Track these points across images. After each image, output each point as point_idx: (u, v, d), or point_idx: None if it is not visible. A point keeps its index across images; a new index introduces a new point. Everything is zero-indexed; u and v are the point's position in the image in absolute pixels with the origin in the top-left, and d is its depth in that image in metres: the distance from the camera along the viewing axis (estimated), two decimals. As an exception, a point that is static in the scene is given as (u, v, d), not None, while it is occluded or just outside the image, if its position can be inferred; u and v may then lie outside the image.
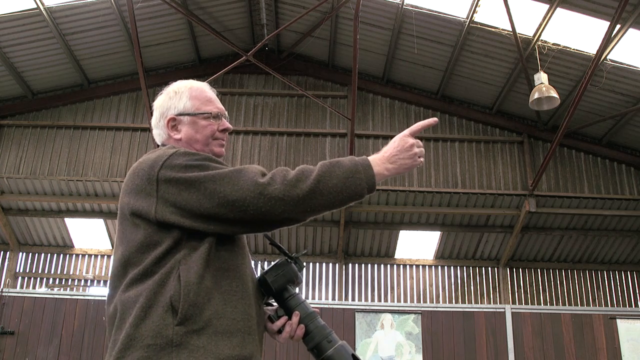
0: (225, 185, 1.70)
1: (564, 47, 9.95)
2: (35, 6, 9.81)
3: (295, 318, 1.84)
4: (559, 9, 9.25)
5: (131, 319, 1.66)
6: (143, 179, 1.78)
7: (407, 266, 12.63)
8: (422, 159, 1.86)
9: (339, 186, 1.72)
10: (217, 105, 2.05)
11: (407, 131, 1.86)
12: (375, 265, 12.58)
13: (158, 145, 2.04)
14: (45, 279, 12.25)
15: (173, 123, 1.99)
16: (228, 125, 2.05)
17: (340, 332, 7.89)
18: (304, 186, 1.69)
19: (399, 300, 12.27)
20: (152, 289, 1.67)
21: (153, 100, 2.12)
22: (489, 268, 12.61)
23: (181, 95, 2.01)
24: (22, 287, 12.04)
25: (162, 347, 1.60)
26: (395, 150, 1.82)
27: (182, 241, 1.73)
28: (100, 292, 11.52)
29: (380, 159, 1.81)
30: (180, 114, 1.98)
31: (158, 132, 2.03)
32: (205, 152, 1.95)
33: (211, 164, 1.77)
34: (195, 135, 1.97)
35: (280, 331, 1.86)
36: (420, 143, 1.86)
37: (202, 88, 2.06)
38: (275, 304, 1.93)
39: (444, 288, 12.47)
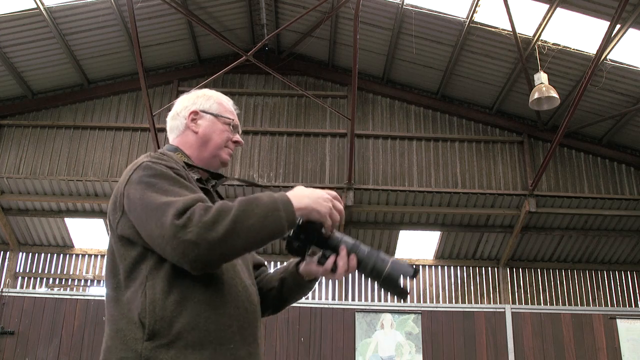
0: (152, 219, 1.65)
1: (564, 47, 9.95)
2: (35, 6, 9.81)
3: (343, 252, 1.85)
4: (559, 9, 9.25)
5: (107, 331, 1.73)
6: (117, 191, 1.82)
7: (407, 266, 12.61)
8: (336, 215, 1.80)
9: (256, 226, 1.62)
10: (237, 120, 2.14)
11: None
12: (375, 265, 12.56)
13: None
14: (45, 279, 12.25)
15: (195, 116, 2.04)
16: (241, 139, 2.13)
17: (340, 332, 7.89)
18: (219, 228, 1.59)
19: (399, 301, 12.25)
20: (124, 305, 1.71)
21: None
22: (489, 268, 12.61)
23: (209, 98, 2.09)
24: (22, 287, 12.03)
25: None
26: (310, 192, 1.78)
27: (147, 255, 1.73)
28: (100, 292, 11.52)
29: (298, 193, 1.76)
30: (203, 111, 2.05)
31: (175, 124, 2.06)
32: (213, 154, 2.01)
33: (158, 183, 1.72)
34: (211, 134, 2.02)
35: (334, 270, 1.86)
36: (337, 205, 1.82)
37: (229, 102, 2.16)
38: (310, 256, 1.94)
39: (444, 288, 12.47)
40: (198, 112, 2.05)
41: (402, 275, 1.86)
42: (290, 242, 1.82)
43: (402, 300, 1.92)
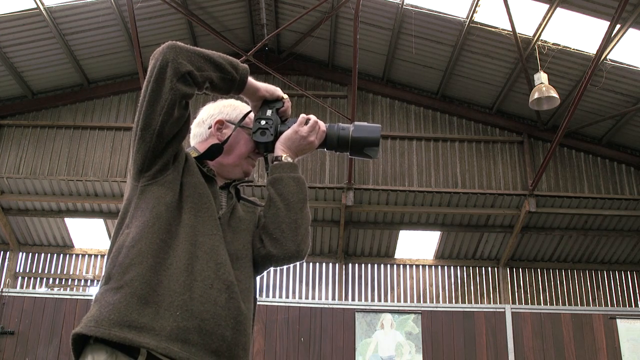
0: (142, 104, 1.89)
1: (564, 47, 9.95)
2: (35, 6, 9.81)
3: (303, 115, 2.01)
4: (559, 9, 9.25)
5: None
6: None
7: (407, 266, 12.63)
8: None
9: (216, 57, 1.94)
10: None
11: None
12: (375, 265, 12.58)
13: None
14: (45, 279, 12.24)
15: (220, 125, 2.03)
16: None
17: (340, 332, 7.89)
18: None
19: (399, 300, 12.27)
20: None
21: None
22: (489, 268, 12.61)
23: (235, 108, 2.09)
24: (22, 287, 12.03)
25: (93, 304, 1.70)
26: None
27: (132, 200, 1.80)
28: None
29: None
30: (229, 121, 2.04)
31: (200, 131, 2.07)
32: (236, 163, 2.01)
33: None
34: (235, 145, 2.01)
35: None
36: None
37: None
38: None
39: (444, 288, 12.47)
40: (224, 122, 2.04)
41: (368, 133, 1.99)
42: (260, 128, 1.96)
43: (374, 157, 2.01)
